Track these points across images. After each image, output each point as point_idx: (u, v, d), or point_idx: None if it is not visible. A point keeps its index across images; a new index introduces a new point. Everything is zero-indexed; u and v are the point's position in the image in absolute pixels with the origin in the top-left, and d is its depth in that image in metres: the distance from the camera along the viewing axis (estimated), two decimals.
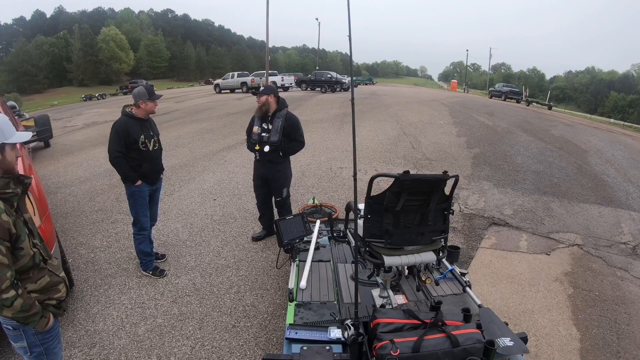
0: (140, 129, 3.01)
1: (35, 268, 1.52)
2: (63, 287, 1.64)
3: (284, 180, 3.71)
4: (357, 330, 1.71)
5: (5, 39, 65.44)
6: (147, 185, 3.14)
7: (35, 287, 1.51)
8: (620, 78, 69.73)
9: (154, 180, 3.22)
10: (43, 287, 1.54)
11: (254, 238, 3.99)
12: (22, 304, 1.40)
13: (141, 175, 3.07)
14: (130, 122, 2.97)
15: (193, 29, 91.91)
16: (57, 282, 1.60)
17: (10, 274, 1.38)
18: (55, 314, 1.60)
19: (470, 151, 8.25)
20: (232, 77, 27.56)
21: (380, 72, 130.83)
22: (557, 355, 2.60)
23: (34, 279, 1.51)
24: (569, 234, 4.59)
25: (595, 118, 31.90)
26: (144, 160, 3.05)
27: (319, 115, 12.67)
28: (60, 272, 1.66)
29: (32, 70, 50.95)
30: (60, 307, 1.63)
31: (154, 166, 3.17)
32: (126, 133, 2.93)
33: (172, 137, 9.46)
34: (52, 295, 1.57)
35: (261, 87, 3.53)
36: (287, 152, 3.64)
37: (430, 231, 2.05)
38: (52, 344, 1.62)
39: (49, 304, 1.56)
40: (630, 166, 8.37)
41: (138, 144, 2.98)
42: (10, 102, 9.51)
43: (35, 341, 1.56)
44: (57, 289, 1.60)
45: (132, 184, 3.06)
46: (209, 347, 2.51)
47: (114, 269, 3.44)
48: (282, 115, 3.53)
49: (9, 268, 1.38)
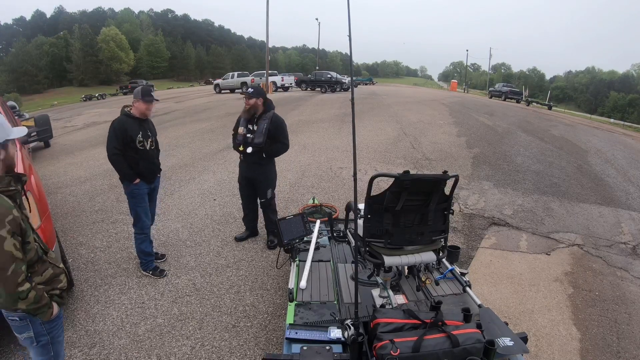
0: (138, 128, 3.05)
1: (39, 261, 1.58)
2: (64, 277, 1.71)
3: (268, 181, 3.71)
4: (357, 330, 1.70)
5: (5, 39, 65.47)
6: (144, 184, 3.17)
7: (41, 279, 1.57)
8: (620, 78, 69.75)
9: (151, 179, 3.24)
10: (48, 279, 1.60)
11: (236, 238, 4.01)
12: (35, 295, 1.47)
13: (138, 173, 3.10)
14: (128, 121, 3.02)
15: (193, 29, 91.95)
16: (58, 273, 1.68)
17: (24, 268, 1.44)
18: (59, 303, 1.66)
19: (470, 151, 8.25)
20: (232, 77, 27.57)
21: (380, 72, 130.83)
22: (557, 355, 2.60)
23: (40, 272, 1.57)
24: (569, 234, 4.59)
25: (595, 118, 31.89)
26: (141, 159, 3.09)
27: (319, 115, 12.67)
28: (59, 263, 1.73)
29: (32, 70, 50.94)
30: (62, 296, 1.69)
31: (151, 165, 3.20)
32: (124, 131, 2.97)
33: (172, 137, 9.46)
34: (55, 285, 1.64)
35: (249, 89, 3.52)
36: (271, 155, 3.63)
37: (430, 231, 2.04)
38: (57, 332, 1.68)
39: (53, 294, 1.62)
40: (630, 166, 8.37)
41: (135, 143, 3.02)
42: (10, 102, 9.49)
43: (42, 331, 1.61)
44: (59, 280, 1.67)
45: (130, 182, 3.09)
46: (209, 347, 2.51)
47: (114, 269, 3.44)
48: (268, 117, 3.53)
49: (23, 262, 1.44)
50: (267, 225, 3.90)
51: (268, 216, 3.83)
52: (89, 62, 56.56)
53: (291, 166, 6.75)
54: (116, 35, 61.18)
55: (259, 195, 3.75)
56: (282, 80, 27.01)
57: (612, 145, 10.97)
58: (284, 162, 7.03)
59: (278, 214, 3.96)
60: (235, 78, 27.13)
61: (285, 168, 6.63)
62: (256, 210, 3.95)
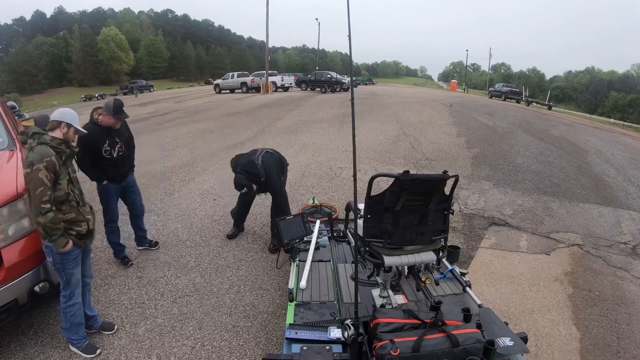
0: (105, 137, 3.12)
1: (67, 204, 2.20)
2: (85, 225, 2.29)
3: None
4: (357, 330, 1.71)
5: (5, 39, 65.50)
6: (113, 184, 3.31)
7: (63, 217, 2.17)
8: (620, 78, 69.78)
9: (121, 180, 3.36)
10: (69, 220, 2.20)
11: (228, 236, 4.09)
12: (53, 217, 2.06)
13: (107, 177, 3.25)
14: (95, 131, 3.05)
15: (193, 29, 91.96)
16: (80, 220, 2.26)
17: (50, 194, 2.05)
18: (75, 242, 2.23)
19: (470, 151, 8.24)
20: (232, 77, 27.58)
21: (380, 72, 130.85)
22: (557, 355, 2.60)
23: (64, 212, 2.19)
24: (569, 233, 4.59)
25: (595, 118, 31.88)
26: (108, 165, 3.21)
27: (318, 116, 12.67)
28: (87, 214, 2.33)
29: (32, 71, 50.99)
30: (81, 239, 2.27)
31: (118, 170, 3.31)
32: (90, 143, 3.03)
33: (172, 137, 9.46)
34: (74, 227, 2.23)
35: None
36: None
37: (430, 231, 2.05)
38: (69, 265, 2.22)
39: (70, 232, 2.21)
40: (630, 166, 8.37)
41: (102, 152, 3.12)
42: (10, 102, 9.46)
43: (56, 259, 2.19)
44: (80, 225, 2.26)
45: (99, 183, 3.26)
46: (209, 347, 2.51)
47: (114, 269, 3.44)
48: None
49: (50, 190, 2.06)
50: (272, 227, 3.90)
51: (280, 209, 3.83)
52: (89, 62, 56.62)
53: (291, 166, 6.71)
54: (116, 36, 61.22)
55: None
56: (282, 80, 27.00)
57: (612, 145, 10.96)
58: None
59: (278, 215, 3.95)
60: (235, 78, 27.14)
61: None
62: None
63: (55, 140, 2.17)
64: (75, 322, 2.34)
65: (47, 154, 2.08)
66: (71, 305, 2.29)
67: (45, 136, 2.16)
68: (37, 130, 2.17)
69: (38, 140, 2.13)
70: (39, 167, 2.01)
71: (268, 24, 24.82)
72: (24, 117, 8.70)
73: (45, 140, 2.13)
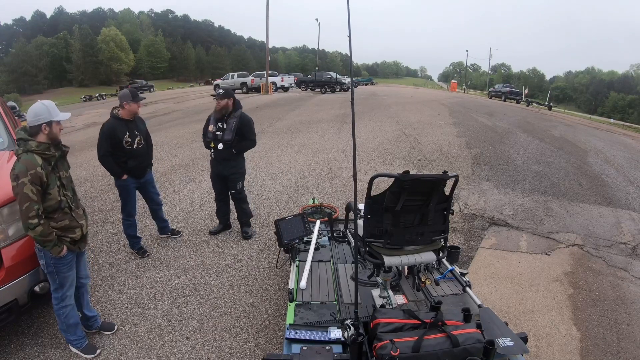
0: (126, 129, 3.30)
1: (60, 211, 2.14)
2: (79, 231, 2.25)
3: (239, 175, 3.90)
4: (357, 330, 1.71)
5: (5, 39, 65.56)
6: (132, 179, 3.44)
7: (56, 225, 2.13)
8: (620, 78, 69.82)
9: (140, 174, 3.50)
10: (62, 227, 2.16)
11: (211, 232, 4.16)
12: (42, 231, 2.02)
13: (127, 170, 3.37)
14: (116, 124, 3.27)
15: (193, 29, 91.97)
16: (74, 227, 2.22)
17: (37, 207, 1.99)
18: (70, 248, 2.20)
19: (470, 151, 8.25)
20: (232, 77, 27.56)
21: (380, 73, 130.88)
22: (557, 355, 2.60)
23: (57, 220, 2.14)
24: (569, 234, 4.59)
25: (595, 118, 31.88)
26: (129, 158, 3.35)
27: (318, 116, 12.67)
28: (81, 219, 2.28)
29: (32, 71, 51.00)
30: (75, 244, 2.24)
31: (140, 162, 3.45)
32: (112, 134, 3.24)
33: (172, 138, 9.46)
34: (68, 234, 2.19)
35: (219, 91, 3.74)
36: (240, 150, 3.84)
37: (430, 231, 2.04)
38: (62, 268, 2.20)
39: (64, 239, 2.17)
40: (630, 166, 8.37)
41: (123, 143, 3.27)
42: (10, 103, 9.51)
43: (49, 262, 2.17)
44: (74, 232, 2.22)
45: (118, 178, 3.38)
46: (209, 347, 2.51)
47: (114, 269, 3.44)
48: (237, 116, 3.74)
49: (37, 204, 1.99)
50: (239, 216, 4.07)
51: (240, 207, 3.99)
52: (89, 63, 56.64)
53: (291, 166, 6.75)
54: (116, 36, 61.24)
55: (230, 187, 3.92)
56: (282, 80, 26.97)
57: (612, 145, 10.96)
58: (284, 162, 7.04)
59: (278, 214, 3.97)
60: (235, 78, 27.12)
61: (286, 168, 6.63)
62: (228, 204, 4.12)
63: (42, 145, 2.05)
64: (70, 324, 2.33)
65: (33, 165, 1.98)
66: (64, 307, 2.28)
67: (31, 142, 2.04)
68: (22, 136, 2.07)
69: (24, 148, 2.03)
70: (23, 181, 1.94)
71: (268, 24, 24.84)
72: (24, 117, 8.73)
73: (31, 148, 2.02)
